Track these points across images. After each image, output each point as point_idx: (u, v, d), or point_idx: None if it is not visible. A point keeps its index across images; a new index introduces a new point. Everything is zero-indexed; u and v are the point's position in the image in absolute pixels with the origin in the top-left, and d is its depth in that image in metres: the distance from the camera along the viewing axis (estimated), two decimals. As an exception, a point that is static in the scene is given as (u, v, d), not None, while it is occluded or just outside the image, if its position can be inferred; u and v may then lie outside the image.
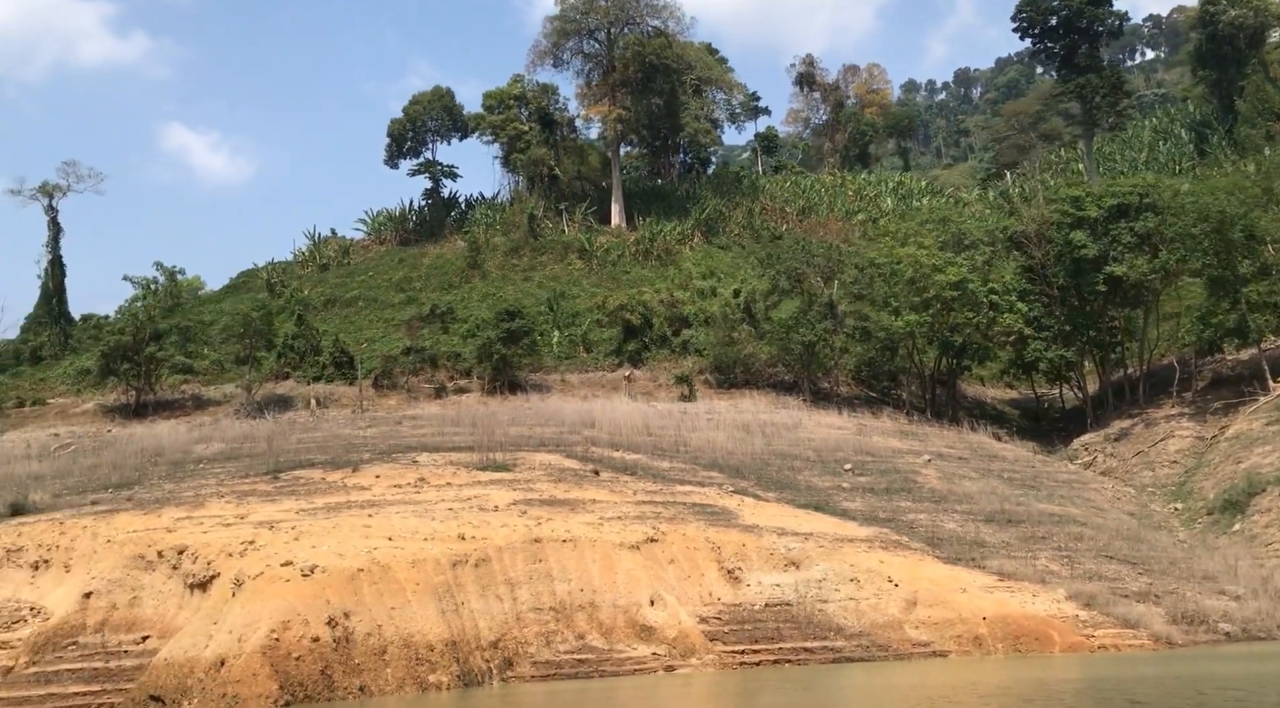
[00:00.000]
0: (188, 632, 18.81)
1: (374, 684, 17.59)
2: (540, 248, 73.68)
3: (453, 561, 20.97)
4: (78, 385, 53.59)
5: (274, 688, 16.47)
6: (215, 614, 18.78)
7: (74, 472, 35.16)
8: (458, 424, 39.00)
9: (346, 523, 23.24)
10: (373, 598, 18.87)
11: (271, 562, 19.50)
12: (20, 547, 25.72)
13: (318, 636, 17.45)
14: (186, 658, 18.10)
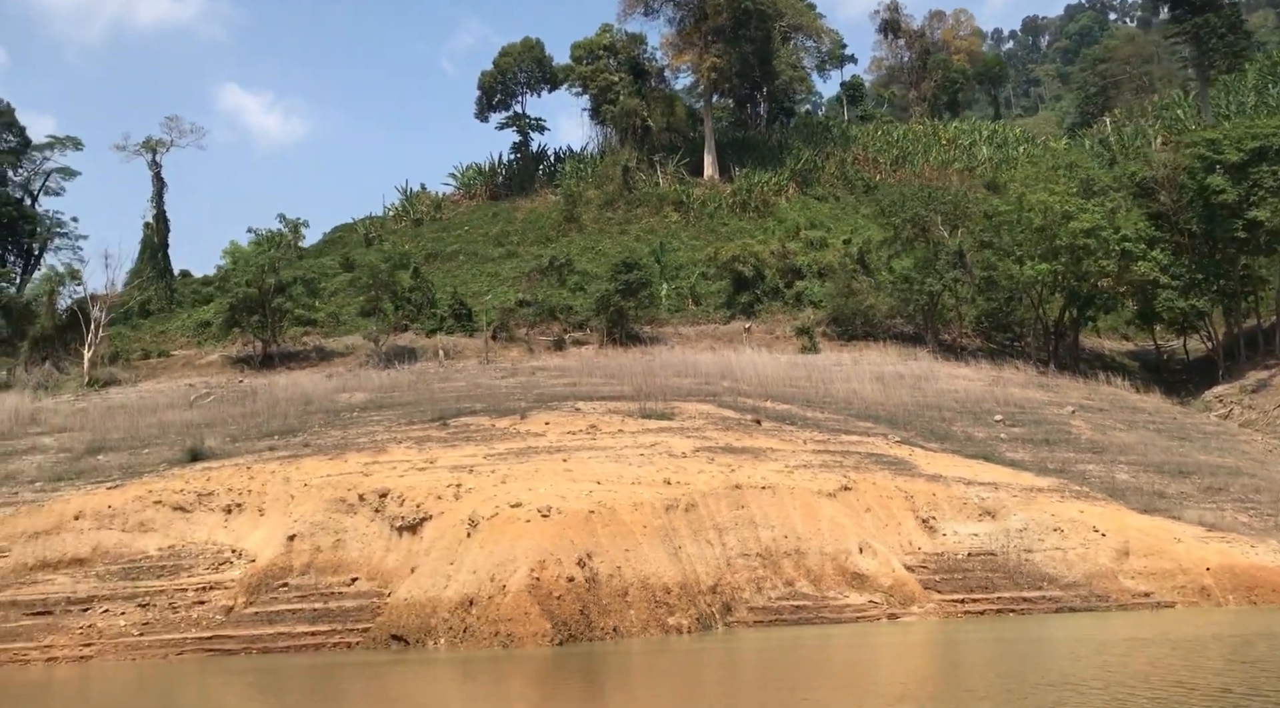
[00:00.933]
0: (424, 573, 18.95)
1: (621, 626, 17.58)
2: (635, 201, 73.02)
3: (666, 505, 20.88)
4: (199, 338, 54.47)
5: (547, 627, 16.51)
6: (449, 556, 18.88)
7: (229, 420, 35.71)
8: (592, 375, 38.95)
9: (546, 467, 23.24)
10: (608, 540, 18.83)
11: (499, 504, 19.53)
12: (211, 491, 26.17)
13: (572, 576, 17.46)
14: (427, 598, 18.25)
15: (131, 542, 25.51)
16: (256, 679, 16.87)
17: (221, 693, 16.03)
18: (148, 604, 22.33)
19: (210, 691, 16.27)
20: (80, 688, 17.93)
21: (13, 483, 29.19)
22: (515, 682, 14.22)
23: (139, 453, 31.95)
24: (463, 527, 19.47)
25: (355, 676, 16.20)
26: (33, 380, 46.90)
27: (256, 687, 16.22)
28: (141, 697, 16.17)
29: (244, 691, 16.07)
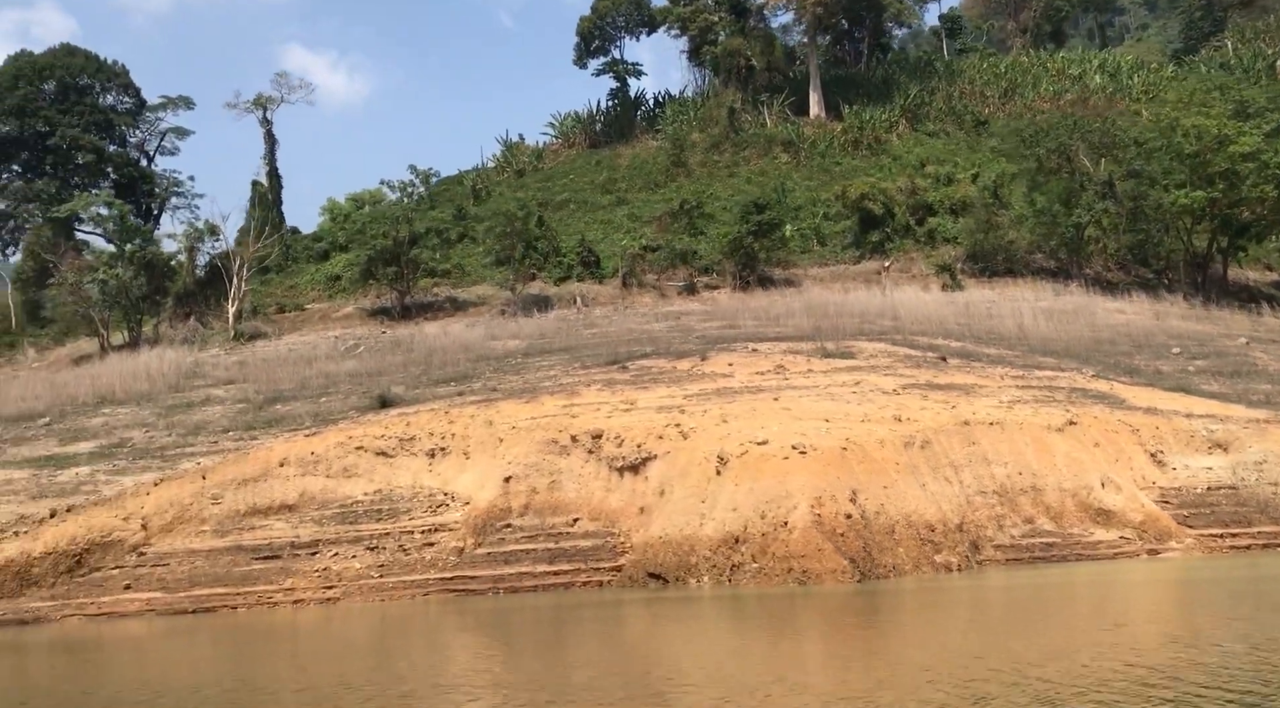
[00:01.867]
0: (672, 511, 18.82)
1: (895, 563, 17.24)
2: (741, 143, 71.66)
3: (904, 442, 20.38)
4: (329, 291, 55.08)
5: (844, 563, 16.23)
6: (697, 494, 18.68)
7: (390, 369, 35.99)
8: (743, 317, 38.51)
9: (763, 407, 22.89)
10: (865, 477, 18.46)
11: (743, 442, 19.22)
12: (412, 436, 26.30)
13: (849, 512, 17.15)
14: (683, 536, 18.10)
15: (336, 487, 25.78)
16: (540, 616, 16.94)
17: (516, 628, 16.07)
18: (376, 547, 22.58)
19: (513, 627, 16.33)
20: (365, 624, 18.20)
21: (207, 432, 29.74)
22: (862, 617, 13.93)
23: (317, 402, 32.33)
24: (708, 465, 19.22)
25: (642, 613, 16.15)
26: (179, 336, 47.87)
27: (549, 623, 16.26)
28: (431, 632, 16.30)
29: (533, 628, 16.10)
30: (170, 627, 20.89)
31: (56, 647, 19.48)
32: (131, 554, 23.60)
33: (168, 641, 19.40)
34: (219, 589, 21.77)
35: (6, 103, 63.09)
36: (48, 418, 32.65)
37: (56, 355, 55.01)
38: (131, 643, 19.49)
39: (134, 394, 35.62)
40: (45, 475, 25.99)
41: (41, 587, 22.40)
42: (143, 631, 20.76)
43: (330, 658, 13.97)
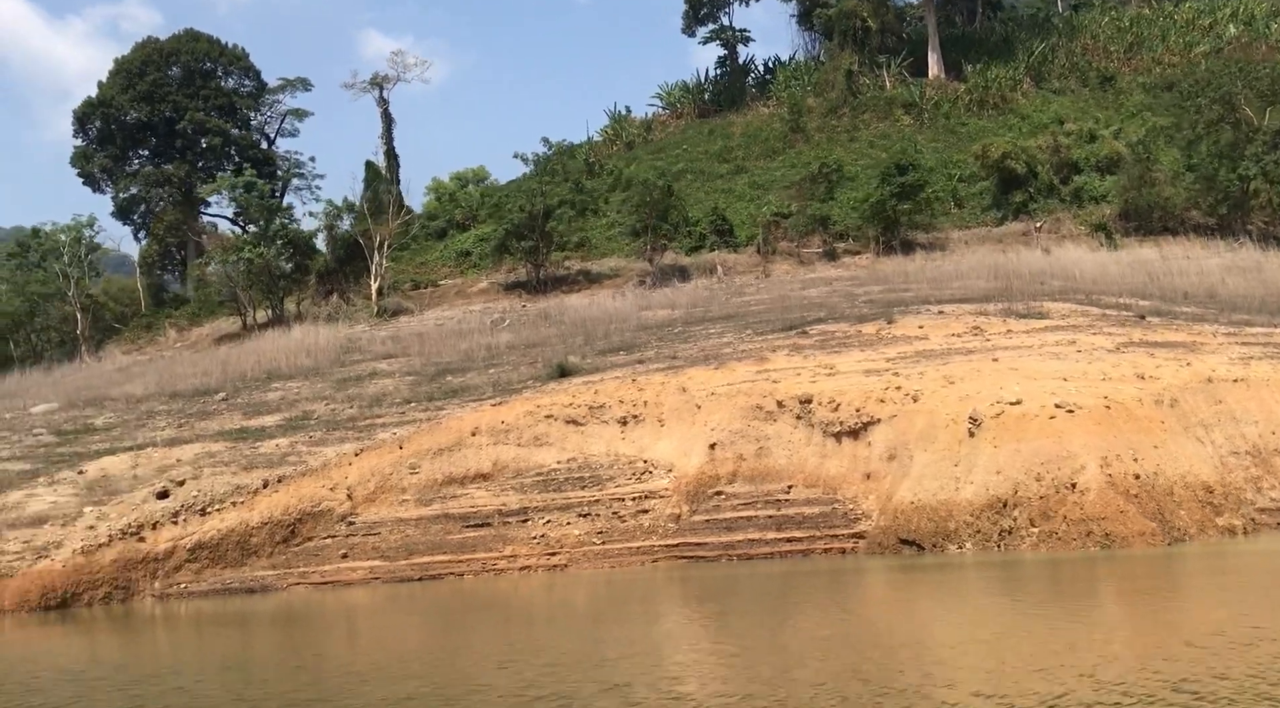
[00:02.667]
0: (923, 476, 18.09)
1: (1179, 526, 16.30)
2: (860, 107, 69.84)
3: (1154, 400, 19.30)
4: (460, 266, 55.34)
5: (1151, 525, 15.40)
6: (949, 457, 17.92)
7: (548, 340, 35.83)
8: (902, 281, 37.34)
9: (986, 367, 21.98)
10: (1134, 436, 17.51)
11: (994, 402, 18.37)
12: (601, 404, 25.99)
13: (1137, 472, 16.24)
14: (938, 502, 17.38)
15: (529, 456, 25.61)
16: (824, 581, 16.47)
17: (783, 594, 15.60)
18: (589, 514, 22.33)
19: (792, 592, 15.88)
20: (611, 591, 17.95)
21: (388, 403, 29.86)
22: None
23: (486, 372, 32.27)
24: (955, 427, 18.49)
25: (904, 579, 15.56)
26: (323, 313, 48.50)
27: (828, 590, 15.76)
28: (698, 599, 15.93)
29: (813, 592, 15.60)
30: (393, 594, 20.95)
31: (283, 615, 19.67)
32: (341, 523, 23.75)
33: (389, 607, 19.43)
34: (441, 557, 21.76)
35: (137, 89, 64.54)
36: (223, 393, 33.19)
37: (197, 335, 56.35)
38: (357, 610, 19.58)
39: (299, 369, 36.05)
40: (246, 447, 26.31)
41: (260, 556, 22.65)
42: (365, 598, 20.86)
43: (573, 627, 13.63)
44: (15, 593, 19.65)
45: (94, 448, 28.55)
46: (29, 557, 20.68)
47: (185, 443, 27.59)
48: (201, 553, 22.01)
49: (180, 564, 21.76)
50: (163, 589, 21.42)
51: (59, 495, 24.66)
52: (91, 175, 65.56)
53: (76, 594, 20.38)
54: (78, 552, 20.79)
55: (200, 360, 39.88)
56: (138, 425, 30.50)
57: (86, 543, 20.92)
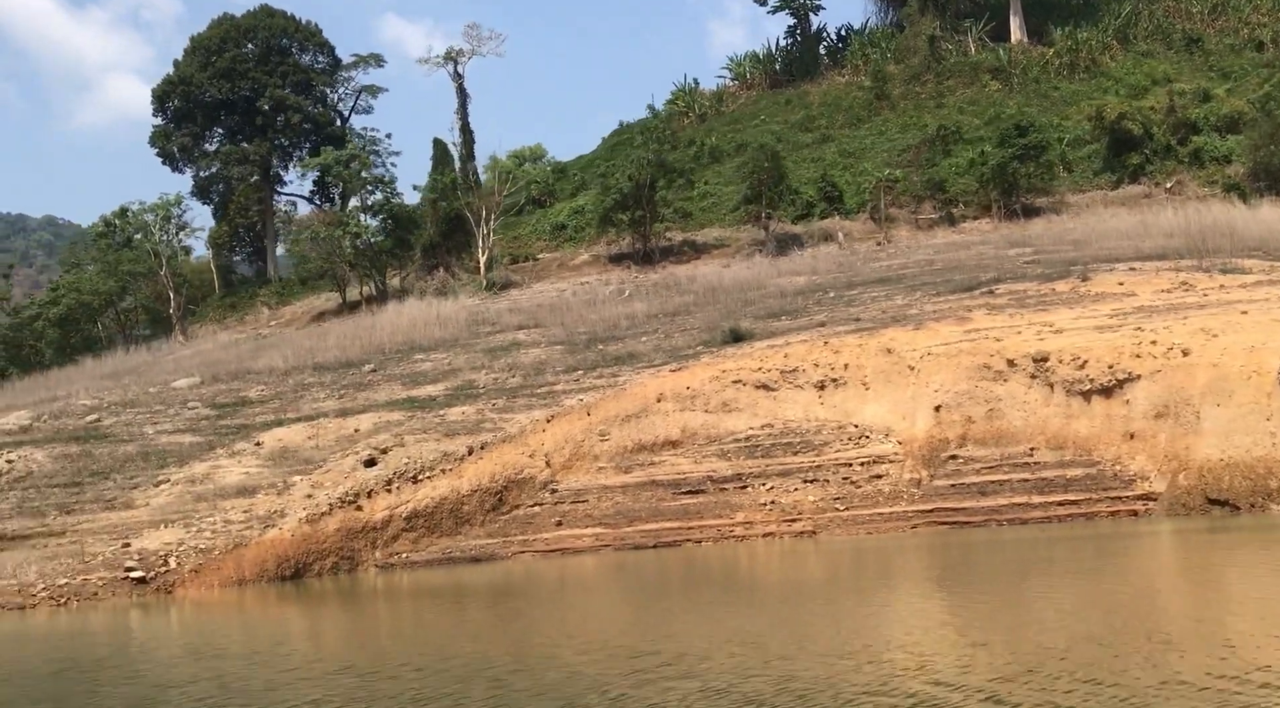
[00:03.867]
0: (1233, 432, 17.25)
1: None
2: (944, 72, 68.31)
3: None
4: (555, 240, 54.49)
5: None
6: (1257, 412, 16.90)
7: (688, 308, 35.05)
8: (1055, 243, 36.16)
9: (1239, 319, 20.94)
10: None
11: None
12: (794, 368, 25.08)
13: None
14: (1253, 459, 16.42)
15: (718, 422, 24.76)
16: (1146, 545, 15.53)
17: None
18: (815, 480, 21.47)
19: (1118, 556, 14.97)
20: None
21: (550, 371, 29.13)
22: None
23: (637, 340, 31.44)
24: (1259, 379, 17.46)
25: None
26: (430, 287, 47.76)
27: (1162, 554, 14.84)
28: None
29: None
30: (621, 561, 20.19)
31: (527, 584, 18.91)
32: (544, 491, 23.01)
33: (634, 577, 18.67)
34: (669, 523, 21.00)
35: (216, 65, 63.78)
36: (370, 365, 32.51)
37: (290, 313, 55.80)
38: (600, 579, 18.82)
39: (437, 341, 35.35)
40: (431, 415, 25.58)
41: (473, 524, 21.94)
42: (593, 565, 20.11)
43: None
44: (253, 562, 18.98)
45: (258, 420, 27.94)
46: (256, 526, 20.02)
47: (358, 413, 26.91)
48: (418, 521, 21.32)
49: (398, 533, 21.07)
50: (383, 559, 20.74)
51: (245, 466, 24.04)
52: (170, 154, 64.91)
53: (307, 564, 19.71)
54: (303, 521, 20.11)
55: (324, 334, 39.24)
56: (295, 397, 29.86)
57: (309, 512, 20.22)
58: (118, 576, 18.79)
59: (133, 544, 19.81)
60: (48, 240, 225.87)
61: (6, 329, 60.04)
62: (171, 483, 23.29)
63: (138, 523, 21.22)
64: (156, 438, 26.90)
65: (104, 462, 25.22)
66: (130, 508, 22.20)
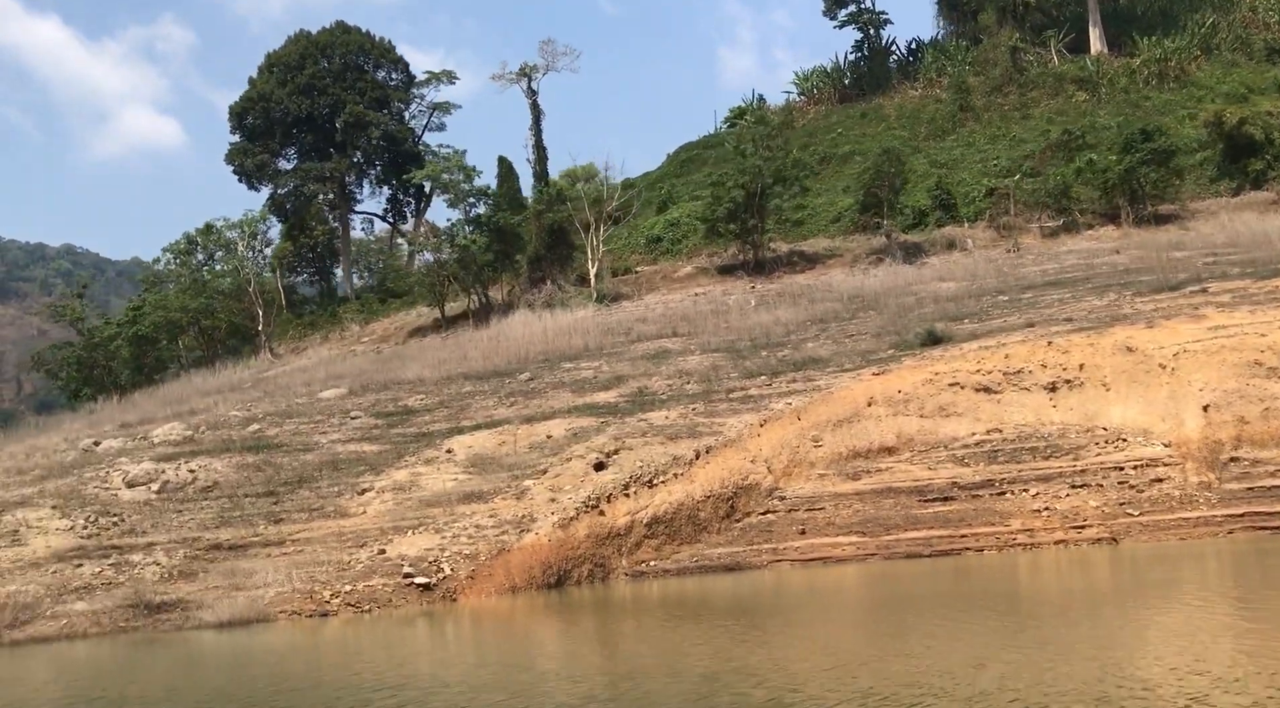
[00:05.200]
0: None
1: None
2: (1027, 84, 67.44)
3: None
4: (652, 252, 53.46)
5: None
6: None
7: (838, 315, 33.83)
8: (1209, 247, 34.90)
9: None
10: None
11: None
12: (1017, 369, 23.80)
13: None
14: None
15: (935, 428, 23.44)
16: None
17: None
18: (1085, 485, 20.09)
19: None
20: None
21: (726, 378, 27.84)
22: None
23: (804, 347, 30.17)
24: None
25: None
26: (539, 299, 46.64)
27: None
28: None
29: None
30: (886, 572, 18.82)
31: (780, 596, 17.56)
32: (769, 498, 21.68)
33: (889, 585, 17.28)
34: (937, 531, 19.60)
35: (296, 81, 63.12)
36: (526, 373, 31.28)
37: (383, 328, 54.72)
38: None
39: (578, 350, 34.25)
40: (633, 420, 24.27)
41: (710, 531, 20.61)
42: (855, 576, 18.75)
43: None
44: (521, 568, 17.65)
45: (433, 428, 26.73)
46: (511, 531, 18.70)
47: (544, 419, 25.66)
48: (658, 528, 19.99)
49: (640, 540, 19.74)
50: (630, 566, 19.39)
51: (448, 473, 22.81)
52: (248, 171, 64.12)
53: (567, 571, 18.37)
54: (555, 526, 18.78)
55: (448, 347, 38.12)
56: (461, 406, 28.64)
57: (560, 517, 18.89)
58: (401, 582, 17.46)
59: (388, 551, 18.50)
60: (67, 269, 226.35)
61: (80, 350, 58.87)
62: (377, 491, 22.01)
63: (362, 530, 19.94)
64: (333, 447, 25.66)
65: (290, 471, 23.97)
66: (346, 516, 20.92)
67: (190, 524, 21.35)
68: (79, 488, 23.32)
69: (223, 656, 14.62)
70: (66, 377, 60.35)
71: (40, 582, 18.53)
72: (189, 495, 22.98)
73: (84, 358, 58.69)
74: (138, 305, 58.40)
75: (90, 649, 15.89)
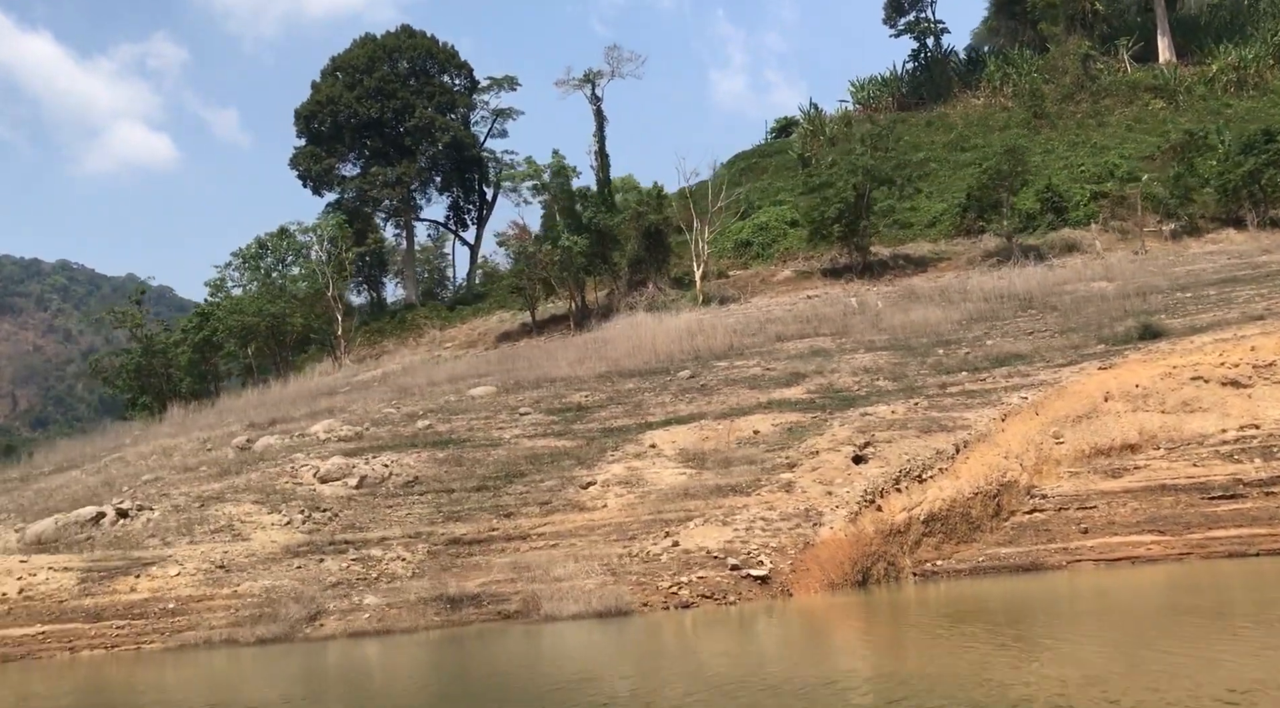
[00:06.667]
0: None
1: None
2: (1099, 92, 66.70)
3: None
4: (741, 257, 52.17)
5: None
6: None
7: (1000, 314, 32.48)
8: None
9: None
10: None
11: None
12: (1269, 362, 22.64)
13: None
14: None
15: (1179, 424, 22.08)
16: None
17: None
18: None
19: None
20: None
21: (914, 375, 26.45)
22: None
23: (990, 343, 28.81)
24: None
25: None
26: (641, 302, 45.28)
27: None
28: None
29: None
30: (1199, 573, 17.33)
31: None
32: (1027, 495, 20.24)
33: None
34: (1247, 530, 18.11)
35: (365, 84, 61.80)
36: (686, 371, 29.82)
37: (465, 334, 53.26)
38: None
39: (723, 349, 32.85)
40: (853, 413, 22.79)
41: (983, 530, 19.14)
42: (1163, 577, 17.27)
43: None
44: (830, 563, 16.10)
45: (617, 424, 25.27)
46: (803, 525, 17.16)
47: (740, 415, 24.19)
48: (935, 525, 18.51)
49: (919, 538, 18.25)
50: (914, 566, 17.88)
51: (667, 467, 21.35)
52: (315, 176, 62.66)
53: (867, 568, 16.85)
54: (845, 520, 17.27)
55: (568, 348, 36.60)
56: (634, 402, 27.15)
57: (846, 511, 17.40)
58: (736, 575, 15.89)
59: (681, 543, 16.95)
60: (62, 284, 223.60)
61: (139, 357, 57.02)
62: (601, 485, 20.49)
63: (617, 523, 18.45)
64: (519, 442, 24.12)
65: (489, 466, 22.43)
66: (583, 510, 19.38)
67: (410, 519, 19.78)
68: (269, 484, 21.71)
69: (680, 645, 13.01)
70: (123, 384, 58.57)
71: (291, 577, 16.94)
72: (391, 491, 21.39)
73: (142, 365, 56.82)
74: (205, 310, 56.74)
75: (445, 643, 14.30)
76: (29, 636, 15.56)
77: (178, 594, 16.48)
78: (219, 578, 16.94)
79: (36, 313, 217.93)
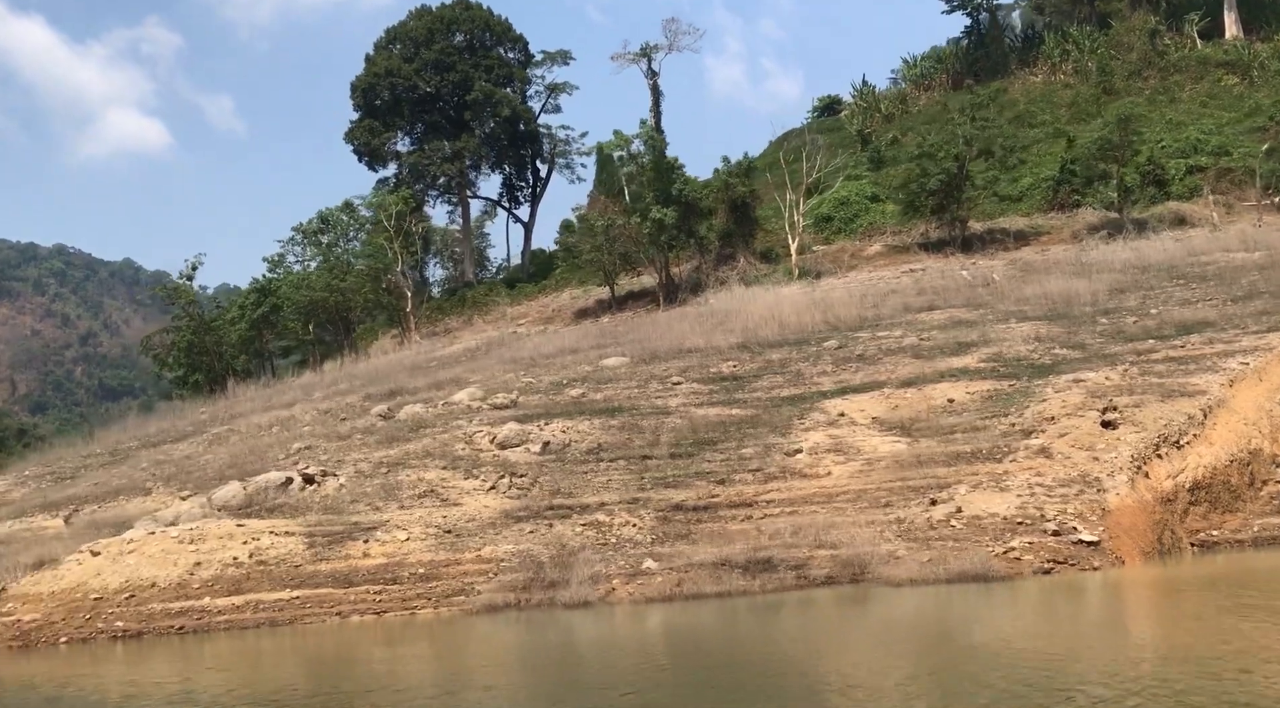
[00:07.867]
0: None
1: None
2: (1168, 68, 65.30)
3: None
4: (824, 231, 50.76)
5: None
6: None
7: (1143, 284, 31.14)
8: None
9: None
10: None
11: None
12: None
13: None
14: None
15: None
16: None
17: None
18: None
19: None
20: None
21: (1098, 341, 25.11)
22: None
23: (1154, 313, 27.49)
24: None
25: None
26: (734, 275, 43.93)
27: None
28: None
29: None
30: None
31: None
32: (1272, 465, 18.91)
33: None
34: None
35: (424, 57, 60.13)
36: (835, 341, 28.45)
37: (538, 310, 51.88)
38: None
39: (856, 320, 31.45)
40: (1063, 383, 21.40)
41: (1244, 500, 17.80)
42: None
43: None
44: (1131, 531, 14.73)
45: (783, 393, 24.00)
46: (1088, 491, 15.81)
47: (925, 383, 22.84)
48: (1200, 494, 17.16)
49: (1186, 507, 16.90)
50: (1187, 535, 16.54)
51: (865, 436, 20.11)
52: (373, 150, 61.00)
53: (1160, 536, 15.49)
54: (1126, 485, 15.92)
55: (677, 322, 35.11)
56: (793, 372, 25.82)
57: (1125, 477, 16.04)
58: (1071, 540, 14.52)
59: (965, 509, 15.60)
60: (59, 269, 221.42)
61: (190, 335, 55.31)
62: (808, 452, 19.15)
63: (848, 489, 17.29)
64: (689, 410, 22.75)
65: (672, 433, 21.10)
66: (806, 477, 18.08)
67: (614, 486, 18.43)
68: (445, 449, 20.30)
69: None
70: (174, 361, 56.92)
71: (529, 541, 15.57)
72: (578, 457, 20.01)
73: (194, 342, 55.14)
74: (263, 286, 54.98)
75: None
76: (284, 600, 14.20)
77: (418, 559, 15.13)
78: (451, 542, 15.60)
79: (34, 297, 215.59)
